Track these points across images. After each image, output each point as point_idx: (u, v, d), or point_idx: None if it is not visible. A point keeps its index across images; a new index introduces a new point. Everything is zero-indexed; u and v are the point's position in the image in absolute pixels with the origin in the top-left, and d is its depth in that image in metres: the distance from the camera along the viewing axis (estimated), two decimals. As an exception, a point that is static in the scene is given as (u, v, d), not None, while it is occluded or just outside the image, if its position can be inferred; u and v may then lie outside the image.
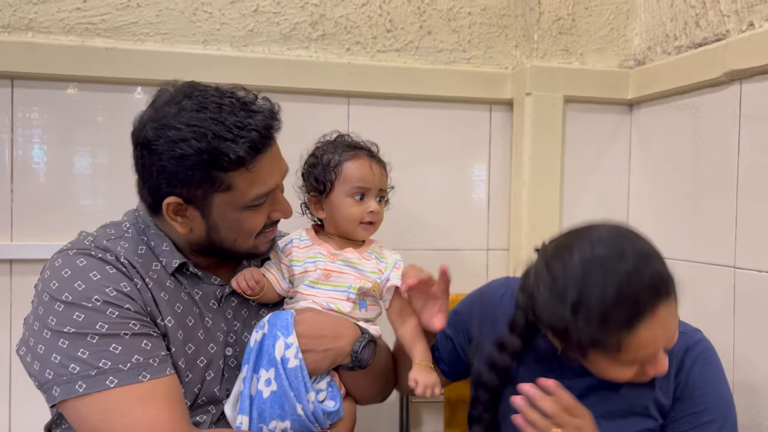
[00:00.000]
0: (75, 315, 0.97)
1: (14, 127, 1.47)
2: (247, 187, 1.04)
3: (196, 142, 0.98)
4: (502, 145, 1.74)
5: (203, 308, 1.11)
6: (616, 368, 0.96)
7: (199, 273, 1.12)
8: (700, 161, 1.48)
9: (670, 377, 1.04)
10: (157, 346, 1.01)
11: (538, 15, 1.65)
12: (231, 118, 1.00)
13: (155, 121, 1.01)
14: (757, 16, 1.32)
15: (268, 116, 1.04)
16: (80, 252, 1.04)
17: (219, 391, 1.10)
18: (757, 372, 1.31)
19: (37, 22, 1.46)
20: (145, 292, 1.03)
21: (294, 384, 1.07)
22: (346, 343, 1.11)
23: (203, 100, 1.01)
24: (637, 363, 0.95)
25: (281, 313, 1.13)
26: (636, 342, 0.91)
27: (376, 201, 1.19)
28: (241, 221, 1.07)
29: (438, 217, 1.71)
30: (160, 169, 1.01)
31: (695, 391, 1.03)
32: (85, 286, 0.99)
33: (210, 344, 1.10)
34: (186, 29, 1.54)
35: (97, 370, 0.95)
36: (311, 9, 1.60)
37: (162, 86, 1.06)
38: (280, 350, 1.07)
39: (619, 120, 1.74)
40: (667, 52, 1.60)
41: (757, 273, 1.31)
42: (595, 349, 0.94)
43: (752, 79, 1.33)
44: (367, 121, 1.64)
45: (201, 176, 1.01)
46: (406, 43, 1.67)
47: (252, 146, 1.01)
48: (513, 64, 1.73)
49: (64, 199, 1.50)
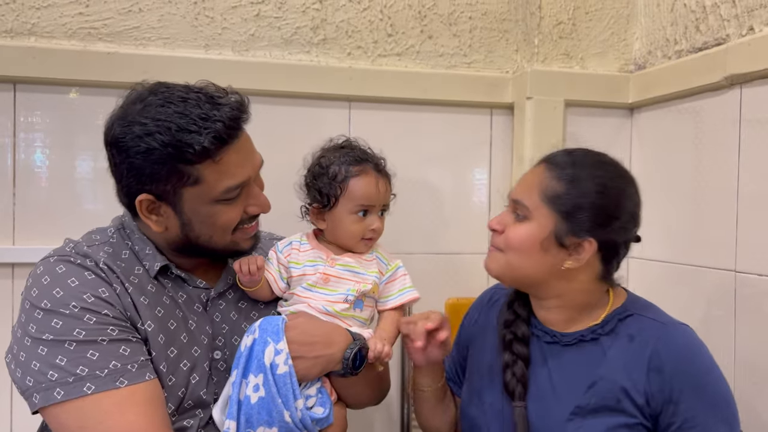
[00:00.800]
0: (53, 322, 0.97)
1: (16, 131, 1.48)
2: (215, 180, 1.03)
3: (160, 135, 0.98)
4: (502, 149, 1.74)
5: (187, 311, 1.10)
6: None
7: (183, 275, 1.12)
8: (701, 165, 1.48)
9: (641, 368, 1.00)
10: (136, 351, 1.00)
11: (538, 19, 1.66)
12: (196, 110, 1.00)
13: (122, 119, 1.02)
14: (757, 21, 1.33)
15: (236, 108, 1.04)
16: (60, 259, 1.04)
17: (206, 395, 1.08)
18: (758, 376, 1.31)
19: (39, 26, 1.47)
20: (124, 296, 1.03)
21: (282, 390, 1.06)
22: (338, 350, 1.10)
23: (169, 96, 1.02)
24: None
25: (272, 319, 1.12)
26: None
27: (378, 216, 1.19)
28: (213, 216, 1.06)
29: (439, 221, 1.71)
30: (128, 166, 1.01)
31: (687, 393, 0.99)
32: (63, 292, 0.99)
33: (193, 347, 1.09)
34: (188, 34, 1.55)
35: (74, 376, 0.95)
36: (312, 14, 1.61)
37: (132, 87, 1.07)
38: (270, 356, 1.06)
39: (619, 124, 1.74)
40: (667, 56, 1.60)
41: (758, 277, 1.31)
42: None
43: (752, 84, 1.33)
44: (368, 126, 1.65)
45: (168, 170, 1.00)
46: (407, 47, 1.67)
47: (217, 137, 1.00)
48: (514, 69, 1.73)
49: (66, 202, 1.51)
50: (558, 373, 1.07)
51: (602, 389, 1.02)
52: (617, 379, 1.01)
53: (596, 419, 1.01)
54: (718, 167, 1.42)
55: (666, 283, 1.58)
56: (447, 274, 1.68)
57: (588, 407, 1.02)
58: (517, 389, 1.08)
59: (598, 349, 1.05)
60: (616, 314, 1.07)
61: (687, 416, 0.98)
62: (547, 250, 1.03)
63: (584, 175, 1.03)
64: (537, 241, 1.03)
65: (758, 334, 1.31)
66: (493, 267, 1.09)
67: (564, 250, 1.03)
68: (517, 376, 1.08)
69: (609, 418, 1.01)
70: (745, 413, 1.33)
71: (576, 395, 1.04)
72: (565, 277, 1.05)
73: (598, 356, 1.05)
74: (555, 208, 1.02)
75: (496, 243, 1.09)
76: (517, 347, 1.10)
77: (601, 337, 1.06)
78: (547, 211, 1.02)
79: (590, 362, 1.05)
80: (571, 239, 1.02)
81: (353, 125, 1.64)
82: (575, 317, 1.08)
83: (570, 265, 1.03)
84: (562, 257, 1.03)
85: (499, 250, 1.08)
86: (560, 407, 1.05)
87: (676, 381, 0.99)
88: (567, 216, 1.02)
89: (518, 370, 1.09)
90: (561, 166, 1.05)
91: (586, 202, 1.02)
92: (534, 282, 1.07)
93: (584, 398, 1.03)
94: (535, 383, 1.08)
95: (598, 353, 1.05)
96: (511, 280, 1.10)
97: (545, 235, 1.02)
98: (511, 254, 1.05)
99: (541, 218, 1.03)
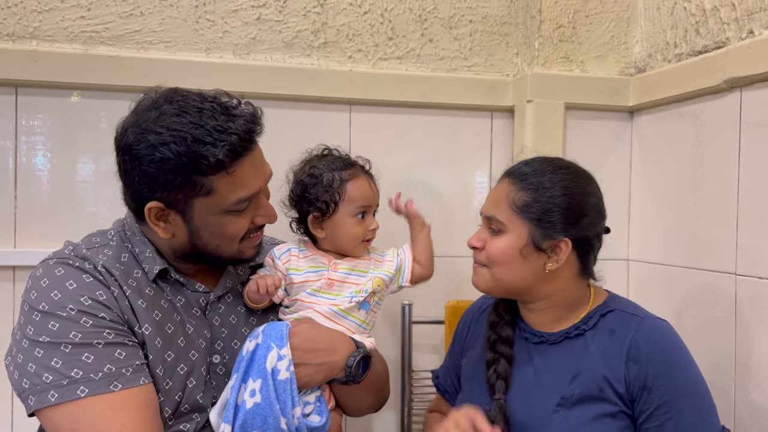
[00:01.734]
0: (50, 324, 0.98)
1: (18, 135, 1.48)
2: (228, 192, 1.03)
3: (175, 145, 0.98)
4: (503, 152, 1.74)
5: (185, 315, 1.10)
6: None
7: (182, 279, 1.12)
8: (701, 168, 1.48)
9: (620, 358, 1.05)
10: (132, 355, 1.00)
11: (539, 23, 1.66)
12: (211, 122, 1.00)
13: (136, 126, 1.02)
14: (756, 24, 1.33)
15: (250, 120, 1.04)
16: (59, 261, 1.04)
17: (202, 399, 1.08)
18: (759, 379, 1.30)
19: (41, 30, 1.47)
20: (122, 299, 1.03)
21: (282, 397, 1.05)
22: (341, 357, 1.10)
23: (184, 105, 1.02)
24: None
25: (276, 324, 1.12)
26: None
27: (373, 216, 1.21)
28: (223, 226, 1.06)
29: (439, 224, 1.71)
30: (141, 173, 1.01)
31: (660, 380, 1.03)
32: (60, 295, 1.00)
33: (191, 351, 1.08)
34: (189, 37, 1.55)
35: (68, 379, 0.95)
36: (313, 17, 1.61)
37: (145, 92, 1.07)
38: (272, 361, 1.06)
39: (619, 127, 1.74)
40: (667, 59, 1.60)
41: (759, 280, 1.31)
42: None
43: (752, 87, 1.34)
44: (368, 129, 1.65)
45: (181, 180, 1.01)
46: (408, 50, 1.67)
47: (232, 150, 1.00)
48: (514, 72, 1.74)
49: (68, 205, 1.51)
50: (543, 369, 1.11)
51: (585, 379, 1.06)
52: (599, 369, 1.06)
53: (581, 409, 1.05)
54: (718, 170, 1.42)
55: (666, 285, 1.58)
56: (447, 276, 1.69)
57: (572, 398, 1.06)
58: (497, 384, 1.11)
59: (582, 344, 1.10)
60: (598, 310, 1.13)
61: (660, 402, 1.02)
62: (527, 257, 1.09)
63: (546, 181, 1.09)
64: (516, 251, 1.09)
65: (759, 337, 1.31)
66: (480, 283, 1.15)
67: (543, 254, 1.09)
68: (498, 372, 1.12)
69: (593, 408, 1.04)
70: (745, 415, 1.33)
71: (560, 387, 1.07)
72: (549, 279, 1.10)
73: (582, 350, 1.09)
74: (527, 217, 1.08)
75: (479, 259, 1.14)
76: (501, 347, 1.14)
77: (585, 332, 1.11)
78: (520, 221, 1.09)
79: (574, 356, 1.09)
80: (548, 242, 1.08)
81: (354, 128, 1.65)
82: (562, 316, 1.13)
83: (551, 267, 1.09)
84: (542, 261, 1.09)
85: (483, 266, 1.13)
86: (545, 400, 1.07)
87: (651, 369, 1.03)
88: (539, 222, 1.08)
89: (501, 367, 1.12)
90: (523, 177, 1.11)
91: (554, 206, 1.08)
92: (522, 289, 1.12)
93: (568, 389, 1.06)
94: (521, 380, 1.11)
95: (581, 347, 1.10)
96: (499, 291, 1.15)
97: (523, 243, 1.08)
98: (495, 268, 1.11)
99: (516, 228, 1.09)
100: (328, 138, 1.27)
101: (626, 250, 1.74)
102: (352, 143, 1.63)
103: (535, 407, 1.08)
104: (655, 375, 1.03)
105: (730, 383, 1.35)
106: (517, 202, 1.09)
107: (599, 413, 1.04)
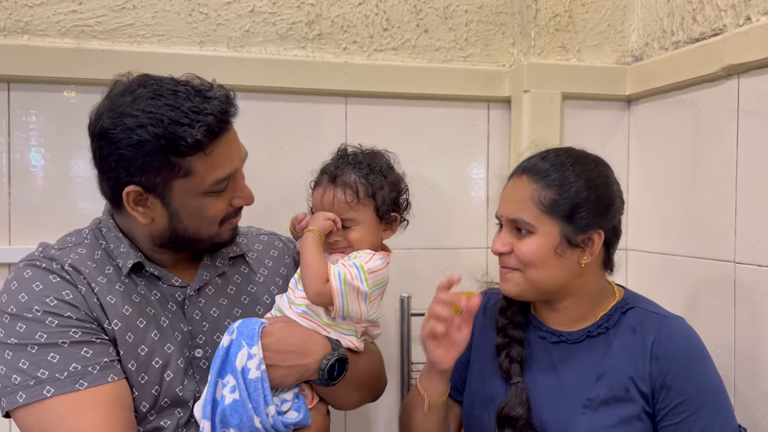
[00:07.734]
0: (17, 326, 0.99)
1: (11, 131, 1.47)
2: (206, 172, 1.03)
3: (152, 127, 0.98)
4: (500, 142, 1.73)
5: (159, 309, 1.09)
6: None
7: (158, 273, 1.11)
8: (699, 156, 1.47)
9: (644, 357, 1.04)
10: (100, 352, 1.00)
11: (534, 12, 1.65)
12: (186, 103, 1.01)
13: (111, 111, 1.02)
14: (754, 11, 1.32)
15: (224, 101, 1.05)
16: (28, 264, 1.06)
17: (183, 392, 1.07)
18: (758, 367, 1.30)
19: (32, 25, 1.46)
20: (90, 297, 1.03)
21: (253, 396, 1.03)
22: (313, 360, 1.08)
23: (158, 88, 1.02)
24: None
25: (250, 321, 1.10)
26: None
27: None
28: (202, 208, 1.06)
29: (436, 216, 1.71)
30: (117, 157, 1.01)
31: (679, 378, 1.02)
32: (27, 297, 1.01)
33: (166, 344, 1.07)
34: (182, 30, 1.54)
35: (35, 380, 0.96)
36: (307, 9, 1.60)
37: (116, 78, 1.07)
38: (242, 360, 1.05)
39: (617, 116, 1.74)
40: (664, 47, 1.60)
41: (758, 267, 1.31)
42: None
43: (750, 74, 1.33)
44: (364, 121, 1.64)
45: (159, 162, 1.00)
46: (403, 41, 1.66)
47: (209, 130, 1.01)
48: (510, 62, 1.73)
49: (62, 202, 1.50)
50: (565, 370, 1.09)
51: (611, 379, 1.05)
52: (624, 369, 1.04)
53: (606, 411, 1.03)
54: (717, 158, 1.42)
55: (665, 274, 1.58)
56: (445, 269, 1.68)
57: (599, 399, 1.04)
58: (513, 367, 1.09)
59: (604, 343, 1.08)
60: (618, 307, 1.10)
61: (679, 401, 1.02)
62: (562, 255, 1.06)
63: (570, 175, 1.07)
64: (551, 250, 1.06)
65: (757, 324, 1.30)
66: (512, 289, 1.10)
67: (577, 249, 1.07)
68: (512, 356, 1.10)
69: (619, 409, 1.03)
70: (744, 403, 1.33)
71: (585, 388, 1.05)
72: (582, 273, 1.09)
73: (605, 349, 1.07)
74: (556, 215, 1.05)
75: (509, 264, 1.09)
76: (512, 331, 1.12)
77: (608, 330, 1.09)
78: (550, 220, 1.06)
79: (597, 355, 1.07)
80: (581, 236, 1.06)
81: (350, 121, 1.64)
82: (586, 313, 1.11)
83: (586, 260, 1.07)
84: (576, 256, 1.07)
85: (514, 270, 1.09)
86: (570, 401, 1.06)
87: (671, 367, 1.03)
88: (569, 218, 1.05)
89: (513, 351, 1.10)
90: (544, 173, 1.08)
91: (582, 200, 1.06)
92: (556, 288, 1.09)
93: (594, 390, 1.05)
94: (543, 382, 1.09)
95: (604, 346, 1.08)
96: (533, 294, 1.11)
97: (557, 242, 1.06)
98: (530, 270, 1.07)
99: (546, 228, 1.06)
100: (324, 131, 1.26)
101: (625, 239, 1.72)
102: (348, 135, 1.62)
103: (560, 408, 1.06)
104: (674, 373, 1.02)
105: (729, 371, 1.35)
106: (544, 201, 1.06)
107: (626, 415, 1.03)
